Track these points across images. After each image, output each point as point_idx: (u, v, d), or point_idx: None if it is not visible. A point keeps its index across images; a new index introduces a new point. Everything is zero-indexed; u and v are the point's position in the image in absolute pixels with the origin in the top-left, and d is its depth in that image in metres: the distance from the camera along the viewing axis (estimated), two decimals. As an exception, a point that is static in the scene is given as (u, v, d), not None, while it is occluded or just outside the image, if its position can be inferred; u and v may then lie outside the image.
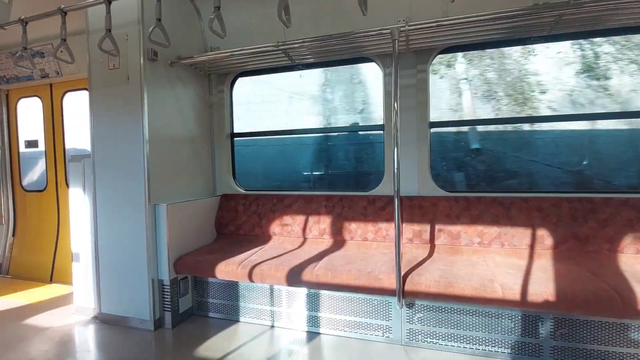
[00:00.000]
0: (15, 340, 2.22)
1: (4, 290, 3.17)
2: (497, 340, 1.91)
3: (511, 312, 1.89)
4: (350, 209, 2.62)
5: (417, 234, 2.42)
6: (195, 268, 2.30)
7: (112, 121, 2.38)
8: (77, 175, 2.56)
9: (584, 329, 1.79)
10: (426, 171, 2.53)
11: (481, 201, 2.37)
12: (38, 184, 3.73)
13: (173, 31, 2.40)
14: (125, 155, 2.34)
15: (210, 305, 2.52)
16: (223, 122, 3.08)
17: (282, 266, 2.13)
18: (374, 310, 2.13)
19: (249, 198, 2.92)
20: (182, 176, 2.66)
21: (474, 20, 1.97)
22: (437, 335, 2.01)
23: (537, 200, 2.27)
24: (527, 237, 2.22)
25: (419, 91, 2.52)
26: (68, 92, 3.49)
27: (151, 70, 2.34)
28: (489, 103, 3.11)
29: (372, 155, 3.22)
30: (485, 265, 2.01)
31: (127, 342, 2.17)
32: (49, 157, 3.60)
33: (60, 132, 3.54)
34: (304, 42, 2.27)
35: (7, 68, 3.55)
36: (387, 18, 2.47)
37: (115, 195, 2.38)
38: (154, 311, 2.32)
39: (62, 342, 2.18)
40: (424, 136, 2.52)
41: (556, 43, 2.38)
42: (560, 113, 2.56)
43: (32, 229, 3.74)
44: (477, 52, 2.56)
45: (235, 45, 2.60)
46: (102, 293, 2.46)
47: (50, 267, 3.50)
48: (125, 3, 2.28)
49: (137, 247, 2.32)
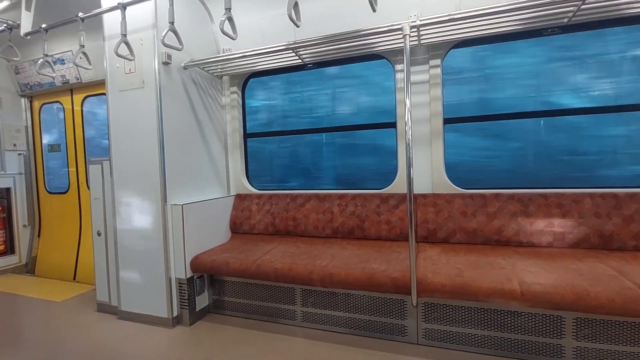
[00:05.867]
0: (41, 336, 2.31)
1: (30, 289, 3.30)
2: (516, 340, 1.87)
3: (531, 311, 1.84)
4: (364, 207, 2.60)
5: (431, 232, 2.38)
6: (211, 267, 2.34)
7: (129, 124, 2.44)
8: (96, 177, 2.65)
9: (608, 329, 1.72)
10: (440, 168, 2.49)
11: (498, 198, 2.32)
12: (61, 186, 3.87)
13: (186, 34, 2.45)
14: (142, 157, 2.40)
15: (226, 303, 2.56)
16: (236, 123, 3.11)
17: (296, 265, 2.14)
18: (389, 309, 2.12)
19: (263, 197, 2.95)
20: (196, 176, 2.71)
21: (487, 13, 1.92)
22: (454, 335, 1.98)
23: (557, 197, 2.20)
24: (546, 235, 2.16)
25: (432, 87, 2.48)
26: (88, 97, 3.61)
27: (165, 73, 2.39)
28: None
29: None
30: (503, 264, 1.96)
31: (146, 338, 2.23)
32: (71, 160, 3.74)
33: (81, 135, 3.66)
34: (313, 41, 2.27)
35: (30, 75, 3.70)
36: (397, 14, 2.44)
37: (133, 196, 2.45)
38: (172, 309, 2.37)
39: (84, 339, 2.25)
40: (438, 132, 2.48)
41: (572, 35, 2.29)
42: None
43: (56, 230, 3.88)
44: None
45: (246, 46, 2.63)
46: (122, 291, 2.53)
47: (74, 267, 3.63)
48: (139, 9, 2.34)
49: (155, 246, 2.38)
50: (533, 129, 2.51)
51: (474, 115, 2.49)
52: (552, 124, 2.45)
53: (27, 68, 3.68)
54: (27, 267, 3.93)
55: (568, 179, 2.42)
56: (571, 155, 2.44)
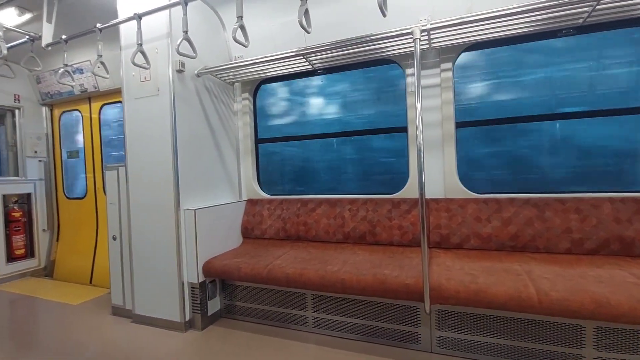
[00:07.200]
0: (57, 338, 2.36)
1: (48, 292, 3.39)
2: (534, 349, 1.81)
3: (549, 320, 1.78)
4: (375, 212, 2.59)
5: (444, 237, 2.35)
6: (223, 272, 2.35)
7: (144, 130, 2.50)
8: (112, 182, 2.71)
9: (631, 339, 1.65)
10: (453, 172, 2.45)
11: (513, 203, 2.27)
12: (79, 191, 3.98)
13: (199, 43, 2.50)
14: (156, 163, 2.45)
15: (237, 308, 2.57)
16: (248, 129, 3.15)
17: (307, 270, 2.13)
18: (402, 316, 2.08)
19: (274, 202, 2.96)
20: (209, 182, 2.74)
21: (500, 15, 1.90)
22: (469, 344, 1.93)
23: (575, 201, 2.14)
24: (564, 241, 2.10)
25: (443, 90, 2.46)
26: (105, 105, 3.72)
27: (179, 80, 2.45)
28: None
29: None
30: (519, 270, 1.91)
31: (159, 343, 2.25)
32: (88, 166, 3.84)
33: (98, 142, 3.76)
34: (323, 47, 2.29)
35: (51, 85, 3.83)
36: (407, 18, 2.44)
37: (147, 201, 2.50)
38: (184, 313, 2.39)
39: (99, 342, 2.29)
40: (450, 136, 2.45)
41: (587, 36, 2.25)
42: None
43: (74, 235, 3.98)
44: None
45: (257, 53, 2.67)
46: (136, 295, 2.57)
47: (90, 270, 3.71)
48: (154, 19, 2.41)
49: (168, 251, 2.42)
50: (548, 130, 2.46)
51: (487, 118, 2.46)
52: (570, 127, 2.39)
53: (47, 78, 3.82)
54: (46, 270, 4.04)
55: (587, 182, 2.35)
56: (588, 159, 2.37)
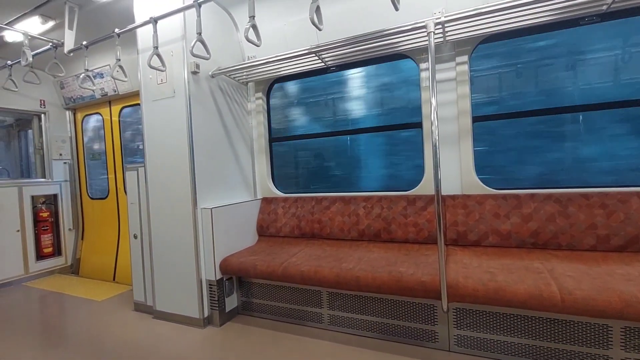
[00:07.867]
0: (82, 333, 2.46)
1: (74, 289, 3.53)
2: (557, 350, 1.75)
3: (573, 319, 1.72)
4: (390, 210, 2.56)
5: (461, 234, 2.30)
6: (239, 269, 2.39)
7: (161, 131, 2.56)
8: (132, 183, 2.79)
9: (663, 340, 1.57)
10: (470, 168, 2.40)
11: (534, 198, 2.19)
12: (101, 192, 4.12)
13: (213, 44, 2.53)
14: (174, 163, 2.50)
15: (254, 305, 2.60)
16: (262, 128, 3.18)
17: (322, 268, 2.14)
18: (419, 314, 2.06)
19: (288, 201, 2.98)
20: (224, 181, 2.79)
21: (518, 4, 1.83)
22: (488, 343, 1.89)
23: (600, 196, 2.05)
24: (589, 237, 2.01)
25: (459, 84, 2.40)
26: (125, 107, 3.83)
27: (194, 82, 2.49)
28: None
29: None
30: (540, 268, 1.85)
31: (179, 338, 2.31)
32: (110, 167, 3.97)
33: (119, 144, 3.88)
34: (336, 43, 2.27)
35: (73, 89, 3.98)
36: (421, 11, 2.39)
37: (166, 200, 2.56)
38: (202, 310, 2.44)
39: (122, 337, 2.37)
40: (466, 131, 2.40)
41: (610, 23, 2.14)
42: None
43: (97, 234, 4.14)
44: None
45: (270, 52, 2.68)
46: (157, 292, 2.64)
47: (113, 268, 3.85)
48: (169, 22, 2.45)
49: (186, 249, 2.47)
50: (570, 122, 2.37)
51: (505, 112, 2.38)
52: (599, 117, 2.30)
53: (70, 83, 3.96)
54: (72, 268, 4.21)
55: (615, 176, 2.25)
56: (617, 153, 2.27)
